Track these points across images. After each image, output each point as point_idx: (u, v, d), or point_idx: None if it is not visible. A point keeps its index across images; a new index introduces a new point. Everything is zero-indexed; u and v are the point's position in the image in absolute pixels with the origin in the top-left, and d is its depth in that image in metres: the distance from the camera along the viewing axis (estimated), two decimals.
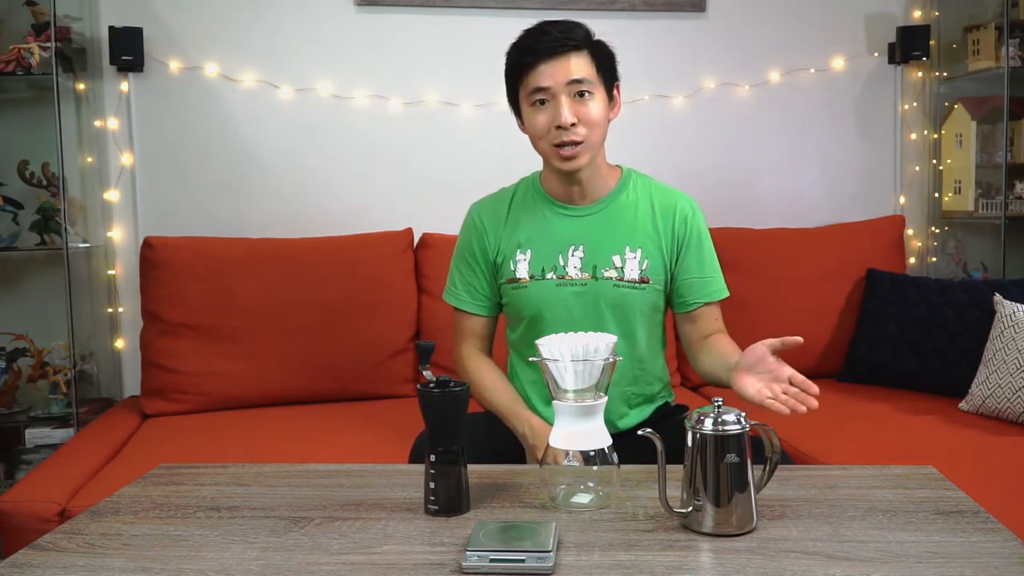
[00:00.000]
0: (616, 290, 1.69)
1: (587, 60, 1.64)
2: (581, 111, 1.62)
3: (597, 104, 1.64)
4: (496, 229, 1.77)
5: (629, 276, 1.70)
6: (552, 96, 1.62)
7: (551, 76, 1.61)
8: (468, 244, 1.79)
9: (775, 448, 1.23)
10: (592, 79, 1.63)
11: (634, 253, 1.70)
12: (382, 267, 2.68)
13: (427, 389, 1.26)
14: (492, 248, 1.77)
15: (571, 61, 1.62)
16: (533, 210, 1.76)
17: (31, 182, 2.66)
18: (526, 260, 1.72)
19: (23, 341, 2.71)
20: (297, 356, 2.54)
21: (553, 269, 1.71)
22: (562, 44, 1.62)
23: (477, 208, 1.82)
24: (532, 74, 1.63)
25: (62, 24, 2.60)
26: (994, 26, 2.96)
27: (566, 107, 1.61)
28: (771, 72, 3.09)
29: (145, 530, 1.21)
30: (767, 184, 3.13)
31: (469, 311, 1.79)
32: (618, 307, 1.69)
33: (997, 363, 2.26)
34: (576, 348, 1.28)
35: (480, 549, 1.08)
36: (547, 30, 1.63)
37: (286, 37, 2.88)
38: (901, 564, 1.06)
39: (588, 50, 1.65)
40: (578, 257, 1.70)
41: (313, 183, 2.92)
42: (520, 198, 1.78)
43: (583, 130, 1.63)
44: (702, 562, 1.09)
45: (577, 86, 1.62)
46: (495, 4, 2.92)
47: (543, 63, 1.62)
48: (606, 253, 1.70)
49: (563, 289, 1.70)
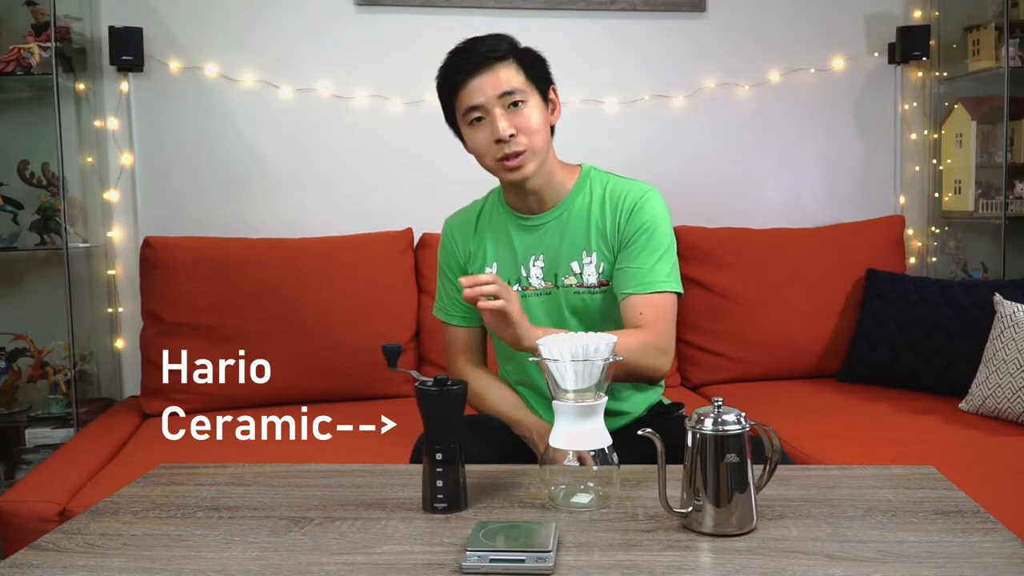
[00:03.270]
0: (577, 296, 1.69)
1: (515, 69, 1.63)
2: (517, 121, 1.62)
3: (533, 111, 1.63)
4: (466, 243, 1.79)
5: (588, 281, 1.69)
6: (486, 112, 1.62)
7: (481, 91, 1.61)
8: (445, 259, 1.82)
9: (775, 448, 1.23)
10: (523, 87, 1.63)
11: (590, 258, 1.69)
12: (382, 267, 2.68)
13: (425, 388, 1.27)
14: (464, 261, 1.79)
15: (499, 73, 1.61)
16: (497, 223, 1.77)
17: (31, 182, 2.66)
18: (493, 272, 1.73)
19: (23, 341, 2.71)
20: (297, 356, 2.53)
21: (518, 280, 1.72)
22: (486, 58, 1.61)
23: (449, 223, 1.84)
24: (463, 93, 1.63)
25: (62, 24, 2.60)
26: (994, 26, 2.96)
27: (502, 120, 1.61)
28: (771, 72, 3.09)
29: (145, 530, 1.21)
30: (767, 184, 3.13)
31: (456, 324, 1.80)
32: (580, 313, 1.69)
33: (997, 363, 2.26)
34: (576, 348, 1.28)
35: (480, 549, 1.08)
36: (471, 47, 1.63)
37: (286, 37, 2.88)
38: (901, 564, 1.06)
39: (514, 59, 1.64)
40: (539, 267, 1.71)
41: (313, 183, 2.92)
42: (487, 211, 1.80)
43: (523, 139, 1.62)
44: (702, 562, 1.09)
45: (509, 97, 1.61)
46: (495, 4, 2.92)
47: (471, 80, 1.62)
48: (565, 260, 1.70)
49: (528, 299, 1.70)
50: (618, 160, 1.81)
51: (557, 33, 2.91)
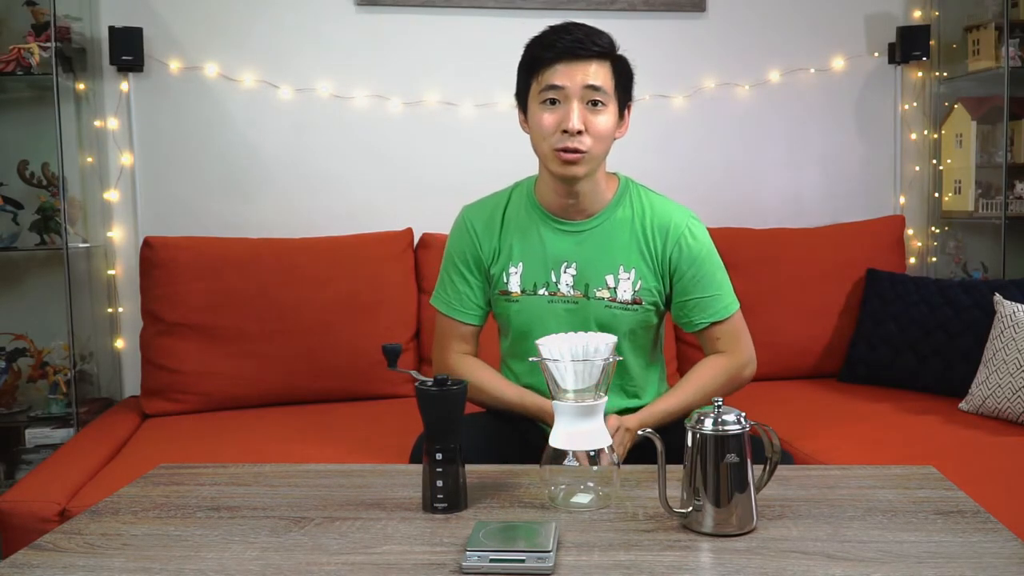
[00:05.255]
0: (607, 311, 1.66)
1: (607, 70, 1.59)
2: (591, 120, 1.57)
3: (608, 117, 1.59)
4: (490, 240, 1.72)
5: (621, 297, 1.66)
6: (564, 98, 1.57)
7: (568, 76, 1.56)
8: (460, 251, 1.74)
9: (775, 448, 1.23)
10: (608, 90, 1.58)
11: (628, 274, 1.66)
12: (382, 267, 2.68)
13: (425, 388, 1.27)
14: (486, 257, 1.72)
15: (591, 66, 1.57)
16: (527, 222, 1.71)
17: (31, 182, 2.66)
18: (518, 274, 1.69)
19: (23, 341, 2.71)
20: (297, 356, 2.53)
21: (545, 285, 1.68)
22: (584, 47, 1.56)
23: (470, 213, 1.76)
24: (548, 71, 1.57)
25: (62, 24, 2.60)
26: (994, 26, 2.96)
27: (576, 112, 1.56)
28: (771, 72, 3.09)
29: (145, 530, 1.21)
30: (767, 184, 3.13)
31: (460, 320, 1.75)
32: (607, 327, 1.65)
33: (997, 363, 2.26)
34: (576, 348, 1.28)
35: (480, 549, 1.08)
36: (572, 29, 1.58)
37: (286, 37, 2.88)
38: (901, 564, 1.06)
39: (610, 61, 1.60)
40: (570, 275, 1.67)
41: (313, 183, 2.92)
42: (514, 207, 1.73)
43: (589, 140, 1.57)
44: (702, 562, 1.09)
45: (592, 93, 1.57)
46: (495, 4, 2.91)
47: (562, 62, 1.56)
48: (599, 272, 1.66)
49: (554, 305, 1.67)
50: (619, 160, 1.80)
51: None
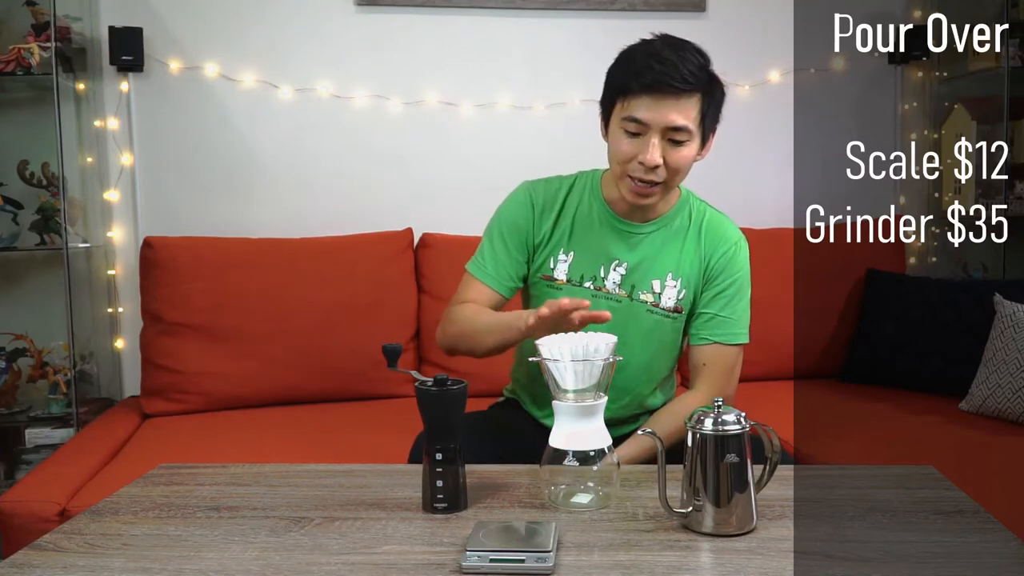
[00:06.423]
0: (649, 315, 1.65)
1: (695, 105, 1.54)
2: (670, 155, 1.55)
3: (689, 150, 1.57)
4: (545, 221, 1.68)
5: (665, 304, 1.65)
6: (645, 131, 1.53)
7: (652, 112, 1.51)
8: (513, 219, 1.69)
9: (775, 448, 1.23)
10: (692, 128, 1.55)
11: (675, 281, 1.65)
12: (382, 267, 2.68)
13: (425, 388, 1.27)
14: (538, 233, 1.69)
15: (680, 104, 1.53)
16: (587, 212, 1.68)
17: (31, 182, 2.66)
18: (567, 262, 1.67)
19: (23, 341, 2.71)
20: (297, 356, 2.53)
21: (592, 279, 1.66)
22: (672, 81, 1.50)
23: (532, 187, 1.72)
24: (633, 100, 1.53)
25: (62, 24, 2.59)
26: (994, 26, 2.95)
27: (656, 149, 1.53)
28: (771, 72, 3.09)
29: (145, 530, 1.21)
30: (767, 184, 3.12)
31: (489, 285, 1.69)
32: (649, 332, 1.64)
33: (997, 363, 2.26)
34: (576, 348, 1.28)
35: (480, 549, 1.08)
36: (663, 57, 1.52)
37: (286, 37, 2.88)
38: (901, 564, 1.06)
39: (700, 94, 1.56)
40: (619, 273, 1.65)
41: (313, 183, 2.91)
42: (576, 194, 1.70)
43: (665, 174, 1.56)
44: (702, 562, 1.09)
45: (674, 133, 1.54)
46: (495, 4, 2.91)
47: (649, 95, 1.52)
48: (648, 276, 1.65)
49: (598, 300, 1.64)
50: None
51: (557, 33, 2.90)
